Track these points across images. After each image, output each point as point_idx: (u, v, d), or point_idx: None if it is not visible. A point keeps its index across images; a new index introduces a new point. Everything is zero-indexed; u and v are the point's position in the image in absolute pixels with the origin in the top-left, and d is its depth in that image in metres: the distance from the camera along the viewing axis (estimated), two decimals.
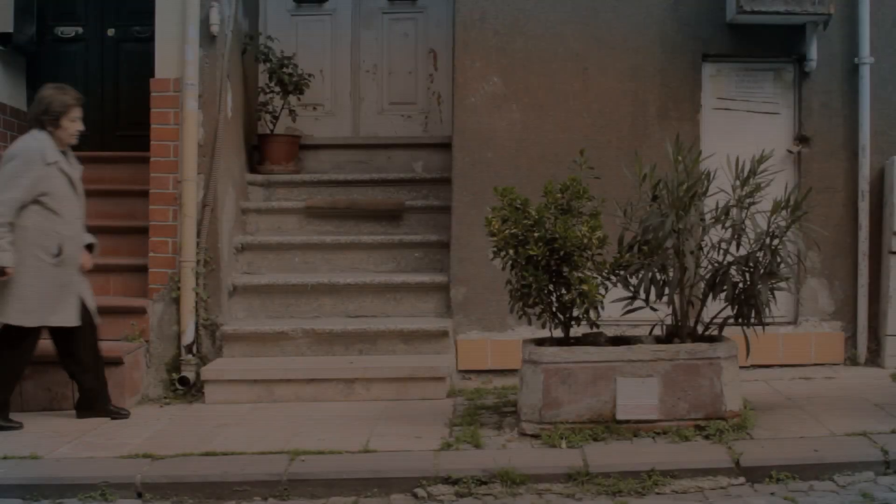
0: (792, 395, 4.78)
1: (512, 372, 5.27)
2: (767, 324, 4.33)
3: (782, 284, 4.24)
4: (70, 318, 4.52)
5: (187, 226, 5.29)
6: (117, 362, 4.89)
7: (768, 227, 4.16)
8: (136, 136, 6.43)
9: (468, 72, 5.54)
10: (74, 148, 4.59)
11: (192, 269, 5.28)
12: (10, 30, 6.52)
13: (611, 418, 4.06)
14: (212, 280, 5.40)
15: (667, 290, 4.22)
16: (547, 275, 4.12)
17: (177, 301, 5.28)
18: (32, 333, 4.50)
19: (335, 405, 4.88)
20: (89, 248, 4.71)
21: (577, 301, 4.12)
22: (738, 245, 4.27)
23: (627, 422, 4.05)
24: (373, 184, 6.23)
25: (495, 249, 4.26)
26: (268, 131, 6.44)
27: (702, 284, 4.34)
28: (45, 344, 5.10)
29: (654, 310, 4.28)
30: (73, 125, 4.57)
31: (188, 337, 5.24)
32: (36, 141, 4.51)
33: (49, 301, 4.46)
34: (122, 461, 3.93)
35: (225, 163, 5.60)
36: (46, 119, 4.53)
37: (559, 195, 4.27)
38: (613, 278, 4.29)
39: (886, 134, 5.46)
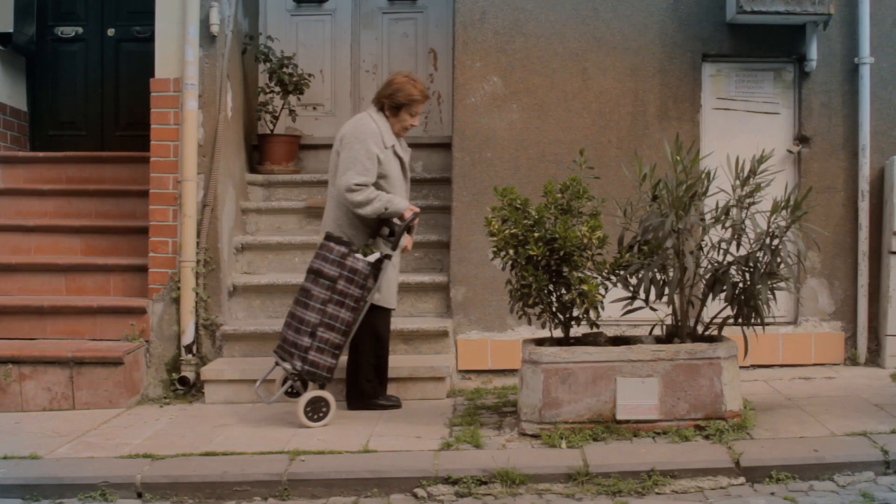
0: (792, 395, 4.78)
1: (512, 372, 5.28)
2: (767, 324, 4.33)
3: (782, 284, 4.23)
4: (394, 301, 4.65)
5: (187, 226, 5.29)
6: (117, 362, 4.89)
7: (768, 227, 4.16)
8: (136, 136, 6.46)
9: (468, 72, 5.54)
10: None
11: (192, 269, 5.28)
12: (10, 30, 6.53)
13: (611, 418, 4.06)
14: (212, 280, 5.40)
15: (667, 290, 4.22)
16: (547, 275, 4.13)
17: (177, 301, 5.28)
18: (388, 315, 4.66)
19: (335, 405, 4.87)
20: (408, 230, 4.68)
21: (577, 301, 4.13)
22: (738, 245, 4.27)
23: (627, 422, 4.05)
24: None
25: (495, 249, 4.26)
26: (268, 131, 6.44)
27: (702, 284, 4.34)
28: (46, 344, 5.12)
29: (654, 310, 4.28)
30: (410, 119, 4.62)
31: (188, 337, 5.25)
32: (374, 123, 4.56)
33: (394, 282, 4.60)
34: (122, 461, 3.93)
35: (225, 163, 5.60)
36: (387, 103, 4.58)
37: (559, 195, 4.27)
38: (613, 278, 4.29)
39: (886, 134, 5.46)
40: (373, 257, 4.43)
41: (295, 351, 4.37)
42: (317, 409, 4.42)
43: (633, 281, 4.27)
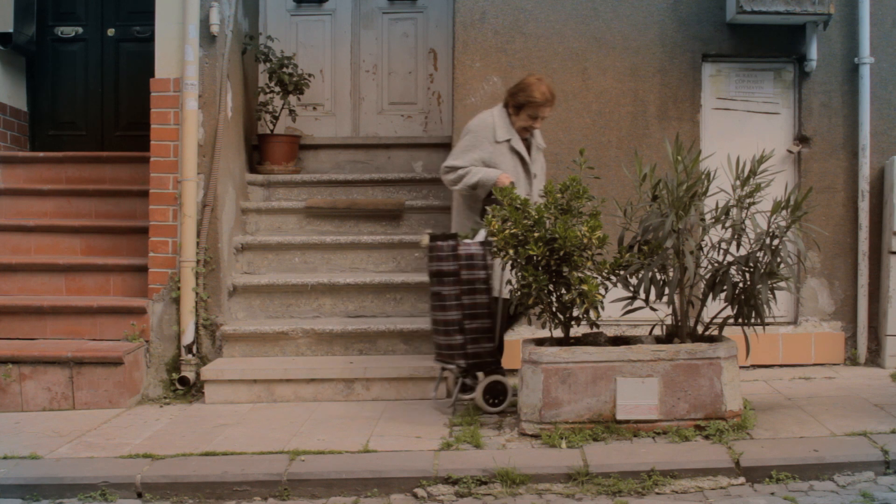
0: (792, 395, 4.78)
1: (512, 372, 5.27)
2: (767, 324, 4.33)
3: (782, 284, 4.23)
4: (497, 290, 4.65)
5: (187, 226, 5.30)
6: (117, 362, 4.89)
7: (768, 227, 4.16)
8: (136, 136, 6.46)
9: (468, 71, 5.54)
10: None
11: (192, 269, 5.28)
12: (10, 30, 6.53)
13: (611, 418, 4.06)
14: (212, 280, 5.40)
15: (667, 290, 4.22)
16: (547, 275, 4.13)
17: (177, 301, 5.28)
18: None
19: (335, 405, 4.88)
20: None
21: (577, 301, 4.12)
22: (738, 245, 4.27)
23: (627, 422, 4.05)
24: (373, 184, 6.23)
25: (495, 249, 4.26)
26: (268, 131, 6.44)
27: (702, 284, 4.34)
28: (46, 344, 5.12)
29: (654, 310, 4.28)
30: (530, 122, 4.63)
31: (188, 337, 5.25)
32: (491, 117, 4.64)
33: (497, 268, 4.58)
34: (122, 461, 3.93)
35: (225, 163, 5.60)
36: (511, 101, 4.64)
37: (559, 195, 4.27)
38: (613, 278, 4.29)
39: (886, 134, 5.47)
40: (480, 236, 4.46)
41: (453, 352, 4.51)
42: (495, 395, 4.53)
43: (633, 281, 4.27)
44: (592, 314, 4.20)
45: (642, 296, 4.27)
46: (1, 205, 6.06)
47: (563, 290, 4.17)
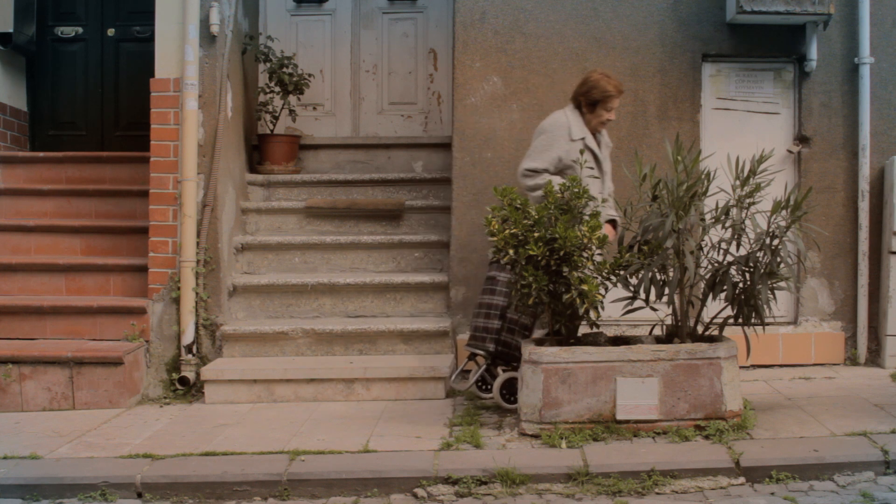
0: (792, 395, 4.78)
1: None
2: (767, 324, 4.33)
3: (782, 284, 4.23)
4: None
5: (187, 226, 5.29)
6: (117, 362, 4.89)
7: (768, 227, 4.16)
8: (136, 136, 6.47)
9: (468, 71, 5.54)
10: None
11: (192, 269, 5.28)
12: (10, 30, 6.53)
13: (611, 418, 4.06)
14: (212, 280, 5.40)
15: (667, 290, 4.22)
16: (547, 275, 4.12)
17: (177, 301, 5.28)
18: None
19: (335, 405, 4.88)
20: (611, 223, 4.74)
21: (577, 301, 4.12)
22: (738, 245, 4.27)
23: (627, 422, 4.05)
24: (373, 184, 6.23)
25: (495, 249, 4.25)
26: (268, 131, 6.44)
27: (702, 284, 4.34)
28: (46, 344, 5.12)
29: (654, 310, 4.28)
30: (607, 114, 4.69)
31: (188, 337, 5.25)
32: (564, 116, 4.69)
33: None
34: (122, 461, 3.93)
35: (225, 163, 5.60)
36: (583, 100, 4.68)
37: (559, 195, 4.27)
38: (613, 278, 4.29)
39: (886, 134, 5.46)
40: None
41: (487, 335, 4.61)
42: (513, 391, 4.56)
43: (633, 281, 4.27)
44: (592, 314, 4.20)
45: (642, 296, 4.27)
46: (1, 205, 6.06)
47: (563, 290, 4.16)
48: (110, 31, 6.90)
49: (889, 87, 5.47)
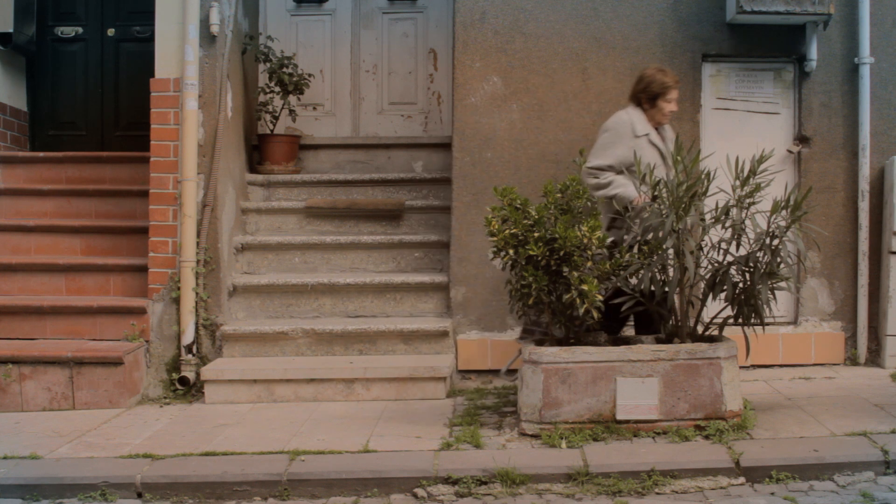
0: (792, 395, 4.78)
1: (512, 372, 5.27)
2: (767, 324, 4.33)
3: (782, 284, 4.23)
4: None
5: (187, 226, 5.30)
6: (117, 362, 4.89)
7: (768, 227, 4.16)
8: (136, 136, 6.46)
9: (468, 72, 5.54)
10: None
11: (192, 269, 5.28)
12: (10, 30, 6.53)
13: (611, 418, 4.06)
14: (212, 280, 5.40)
15: (667, 290, 4.22)
16: (547, 275, 4.12)
17: (177, 301, 5.28)
18: None
19: (335, 405, 4.88)
20: None
21: (577, 301, 4.12)
22: (738, 245, 4.27)
23: (627, 422, 4.06)
24: (373, 184, 6.23)
25: (495, 249, 4.25)
26: (268, 131, 6.44)
27: (702, 284, 4.34)
28: (46, 344, 5.12)
29: (654, 309, 4.28)
30: (668, 105, 4.72)
31: (188, 337, 5.25)
32: (627, 115, 4.71)
33: None
34: (122, 461, 3.93)
35: (225, 163, 5.60)
36: (643, 97, 4.71)
37: (559, 195, 4.27)
38: (613, 278, 4.28)
39: (886, 134, 5.46)
40: (607, 241, 4.41)
41: (537, 328, 4.57)
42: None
43: (633, 281, 4.27)
44: (593, 314, 4.19)
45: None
46: (1, 205, 6.06)
47: (563, 290, 4.16)
48: (110, 31, 6.90)
49: (889, 87, 5.47)
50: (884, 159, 5.46)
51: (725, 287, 4.19)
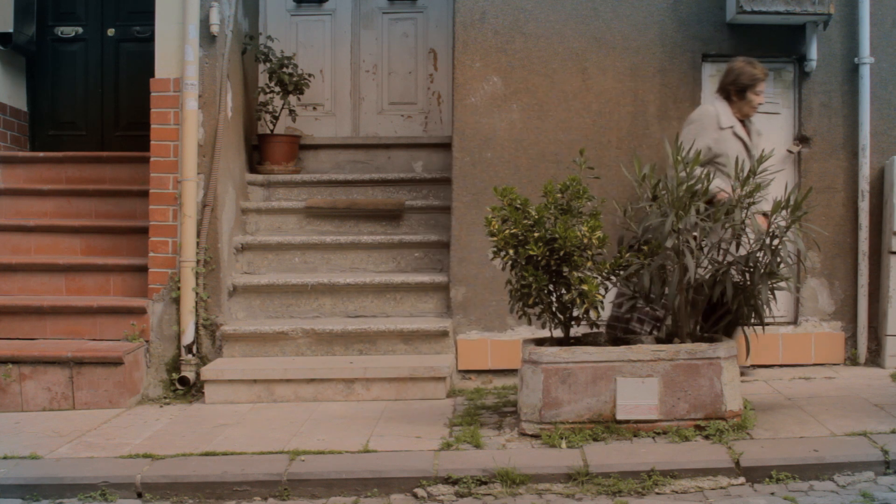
0: (792, 395, 4.78)
1: (512, 372, 5.27)
2: (767, 324, 4.33)
3: (782, 284, 4.23)
4: None
5: (187, 226, 5.30)
6: (117, 362, 4.89)
7: (768, 227, 4.16)
8: (136, 136, 6.46)
9: (468, 72, 5.54)
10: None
11: (192, 269, 5.28)
12: (10, 30, 6.53)
13: (611, 418, 4.06)
14: (212, 280, 5.40)
15: (667, 290, 4.22)
16: (547, 275, 4.12)
17: (177, 301, 5.28)
18: None
19: (335, 405, 4.88)
20: (764, 214, 4.57)
21: (577, 301, 4.12)
22: (738, 245, 4.27)
23: (627, 422, 4.05)
24: (373, 184, 6.23)
25: (495, 249, 4.25)
26: (268, 131, 6.44)
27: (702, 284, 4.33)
28: (46, 344, 5.12)
29: (655, 310, 4.28)
30: (757, 98, 4.80)
31: (188, 337, 5.25)
32: (713, 107, 4.79)
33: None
34: (122, 461, 3.93)
35: (225, 163, 5.60)
36: (732, 89, 4.79)
37: (559, 195, 4.27)
38: (613, 278, 4.29)
39: (886, 134, 5.46)
40: None
41: (617, 324, 4.65)
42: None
43: (634, 281, 4.27)
44: (592, 314, 4.19)
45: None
46: (1, 205, 6.06)
47: (563, 290, 4.16)
48: (110, 31, 6.90)
49: (889, 87, 5.47)
50: (884, 159, 5.46)
51: (726, 287, 4.19)
